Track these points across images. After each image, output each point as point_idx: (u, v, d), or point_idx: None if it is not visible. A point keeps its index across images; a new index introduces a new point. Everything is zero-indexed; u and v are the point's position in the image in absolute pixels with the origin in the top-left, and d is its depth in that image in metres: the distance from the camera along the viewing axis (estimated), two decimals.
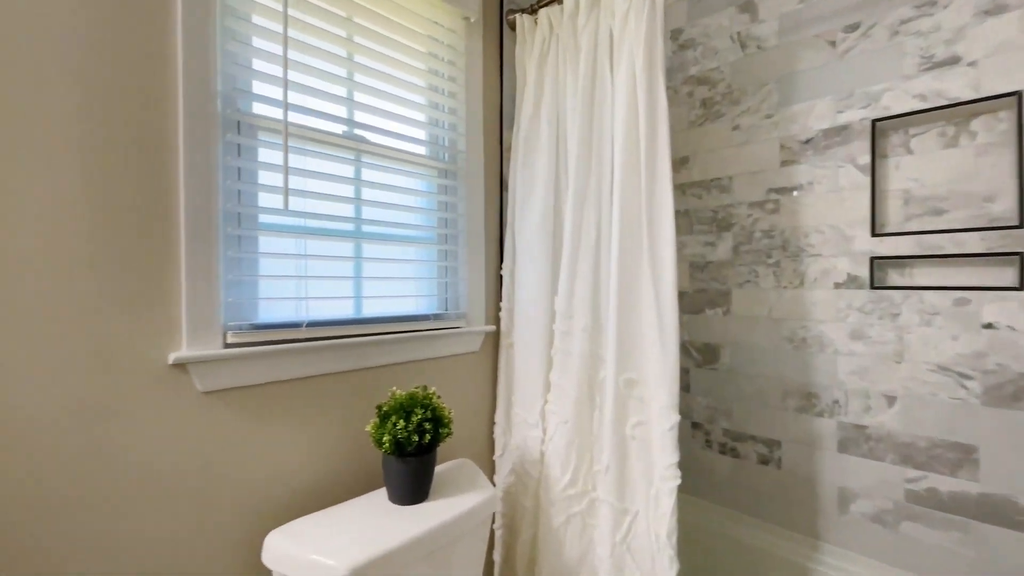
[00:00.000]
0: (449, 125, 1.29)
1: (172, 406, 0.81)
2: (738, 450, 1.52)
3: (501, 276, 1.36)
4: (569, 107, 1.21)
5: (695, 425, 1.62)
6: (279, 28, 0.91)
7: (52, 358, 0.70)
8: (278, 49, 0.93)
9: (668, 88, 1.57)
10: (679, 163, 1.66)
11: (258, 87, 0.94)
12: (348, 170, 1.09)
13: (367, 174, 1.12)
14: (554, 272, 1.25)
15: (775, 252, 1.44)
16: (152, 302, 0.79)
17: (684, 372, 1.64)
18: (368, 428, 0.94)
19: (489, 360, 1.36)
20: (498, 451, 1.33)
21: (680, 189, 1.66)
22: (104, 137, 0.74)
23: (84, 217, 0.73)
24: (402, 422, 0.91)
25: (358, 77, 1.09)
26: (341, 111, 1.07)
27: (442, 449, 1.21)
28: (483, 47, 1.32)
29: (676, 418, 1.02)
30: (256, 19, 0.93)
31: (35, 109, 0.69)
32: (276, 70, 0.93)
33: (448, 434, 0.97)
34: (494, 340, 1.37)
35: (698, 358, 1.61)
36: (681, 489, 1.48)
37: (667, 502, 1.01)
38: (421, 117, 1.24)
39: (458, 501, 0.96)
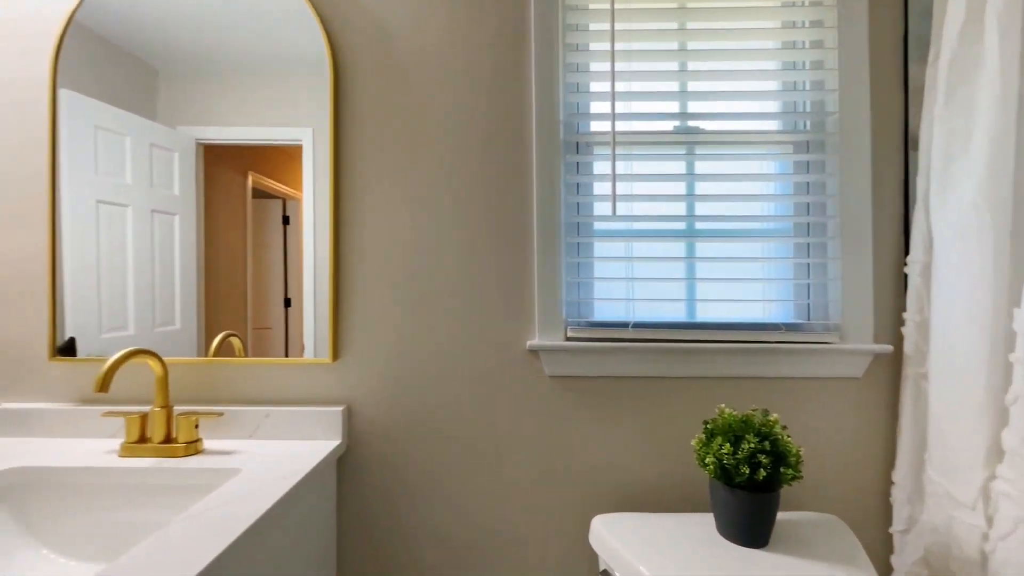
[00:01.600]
0: (812, 84, 1.01)
1: (527, 383, 1.00)
2: None
3: (905, 275, 0.95)
4: None
5: None
6: (607, 46, 0.98)
7: (463, 338, 1.01)
8: (606, 66, 0.99)
9: None
10: None
11: (593, 107, 1.04)
12: (678, 167, 1.04)
13: (702, 167, 1.04)
14: (1008, 269, 0.77)
15: None
16: (516, 299, 1.00)
17: None
18: (693, 443, 0.86)
19: (881, 393, 0.98)
20: (898, 523, 0.93)
21: None
22: (491, 172, 1.00)
23: (485, 236, 1.01)
24: (728, 446, 0.79)
25: (692, 65, 1.03)
26: (672, 106, 1.03)
27: (796, 496, 0.96)
28: None
29: None
30: (593, 46, 1.03)
31: (456, 164, 1.01)
32: (604, 86, 1.00)
33: (793, 476, 0.76)
34: (891, 366, 0.97)
35: None
36: None
37: None
38: (772, 85, 1.03)
39: (815, 568, 0.73)
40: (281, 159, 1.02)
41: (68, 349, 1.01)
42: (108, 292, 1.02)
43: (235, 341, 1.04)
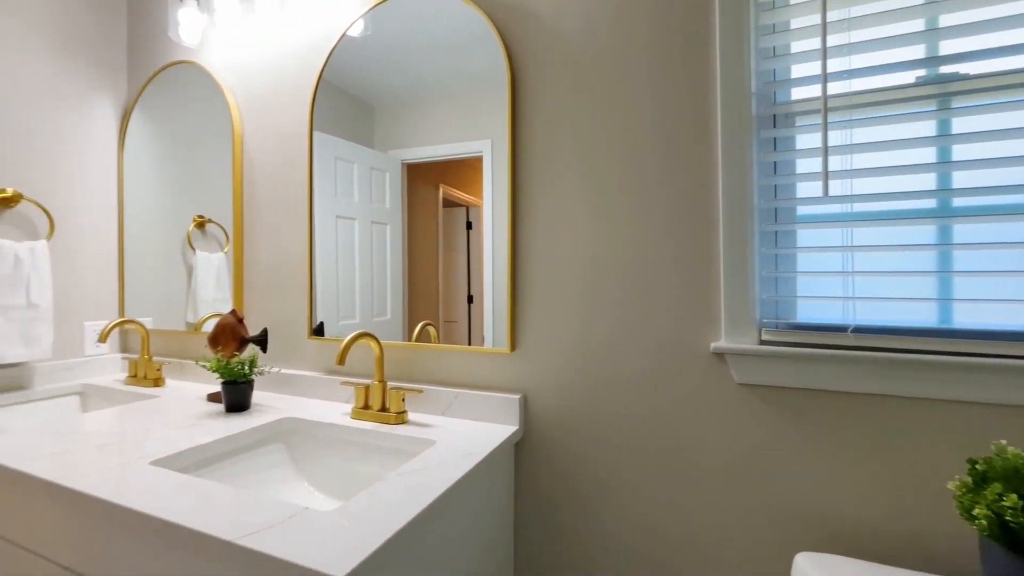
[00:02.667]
0: None
1: (711, 390, 0.91)
2: None
3: None
4: None
5: None
6: None
7: (638, 335, 0.97)
8: (813, 19, 0.83)
9: None
10: None
11: (795, 71, 0.88)
12: (923, 128, 0.81)
13: (961, 125, 0.79)
14: None
15: None
16: (697, 295, 0.92)
17: None
18: (951, 486, 0.66)
19: None
20: None
21: None
22: (670, 161, 0.94)
23: (663, 229, 0.95)
24: (1013, 497, 0.58)
25: None
26: (913, 52, 0.81)
27: None
28: None
29: None
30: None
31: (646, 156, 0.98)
32: (809, 44, 0.84)
33: None
34: None
35: None
36: None
37: None
38: None
39: None
40: (465, 171, 1.12)
41: (319, 331, 1.30)
42: (343, 288, 1.28)
43: (431, 329, 1.19)
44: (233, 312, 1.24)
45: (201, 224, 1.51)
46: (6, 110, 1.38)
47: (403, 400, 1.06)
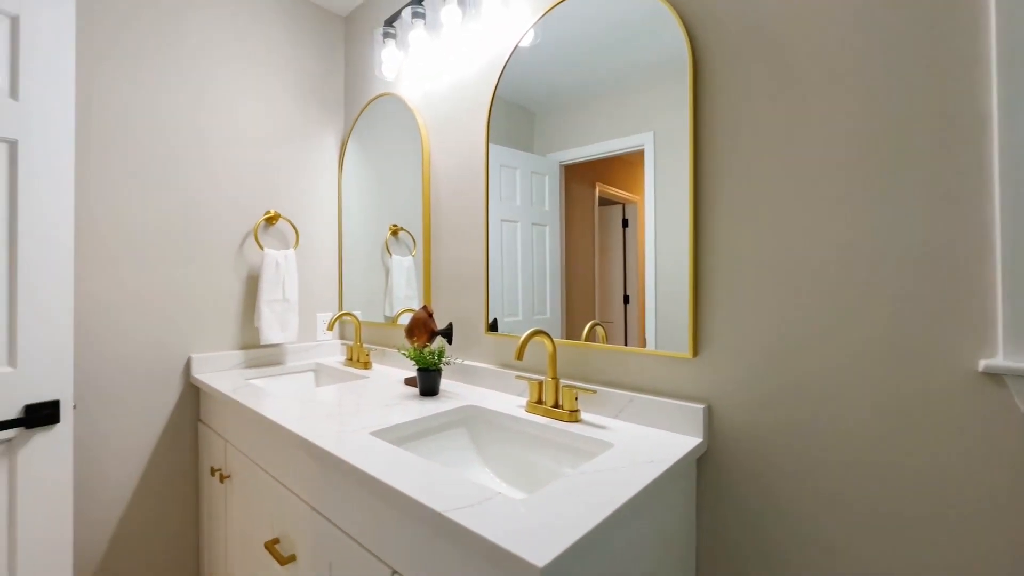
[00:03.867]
0: None
1: (980, 419, 0.70)
2: None
3: None
4: None
5: None
6: None
7: (865, 346, 0.80)
8: None
9: None
10: None
11: None
12: None
13: None
14: None
15: None
16: (955, 298, 0.72)
17: None
18: None
19: None
20: None
21: None
22: (915, 137, 0.76)
23: (898, 213, 0.78)
24: None
25: None
26: None
27: None
28: None
29: None
30: None
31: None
32: None
33: None
34: None
35: None
36: None
37: None
38: None
39: None
40: (621, 167, 1.09)
41: (493, 326, 1.39)
42: (507, 287, 1.35)
43: (599, 329, 1.18)
44: (424, 308, 1.41)
45: (395, 232, 1.75)
46: (270, 148, 1.80)
47: (576, 399, 1.06)
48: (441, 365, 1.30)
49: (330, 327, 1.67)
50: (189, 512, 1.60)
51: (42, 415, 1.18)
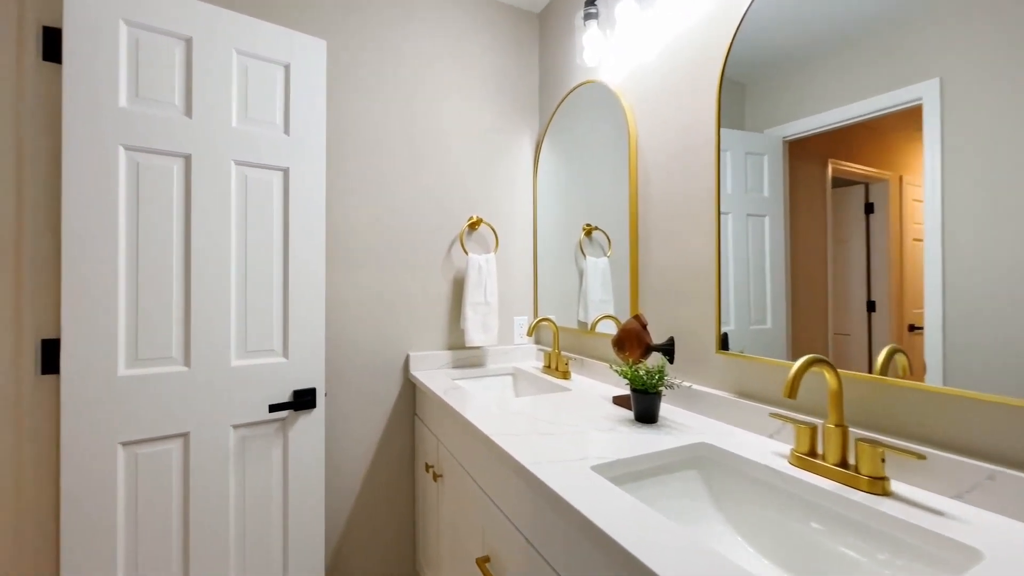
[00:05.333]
0: None
1: None
2: None
3: None
4: None
5: None
6: None
7: None
8: None
9: None
10: None
11: None
12: None
13: None
14: None
15: None
16: None
17: None
18: None
19: None
20: None
21: None
22: None
23: None
24: None
25: None
26: None
27: None
28: None
29: None
30: None
31: None
32: None
33: None
34: None
35: None
36: None
37: None
38: None
39: None
40: (865, 137, 0.84)
41: (723, 343, 1.11)
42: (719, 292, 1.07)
43: (900, 359, 0.81)
44: (637, 317, 1.22)
45: (589, 232, 1.60)
46: (471, 153, 1.84)
47: (882, 460, 0.73)
48: (662, 388, 1.09)
49: (530, 333, 1.62)
50: (407, 502, 1.73)
51: (304, 400, 1.37)
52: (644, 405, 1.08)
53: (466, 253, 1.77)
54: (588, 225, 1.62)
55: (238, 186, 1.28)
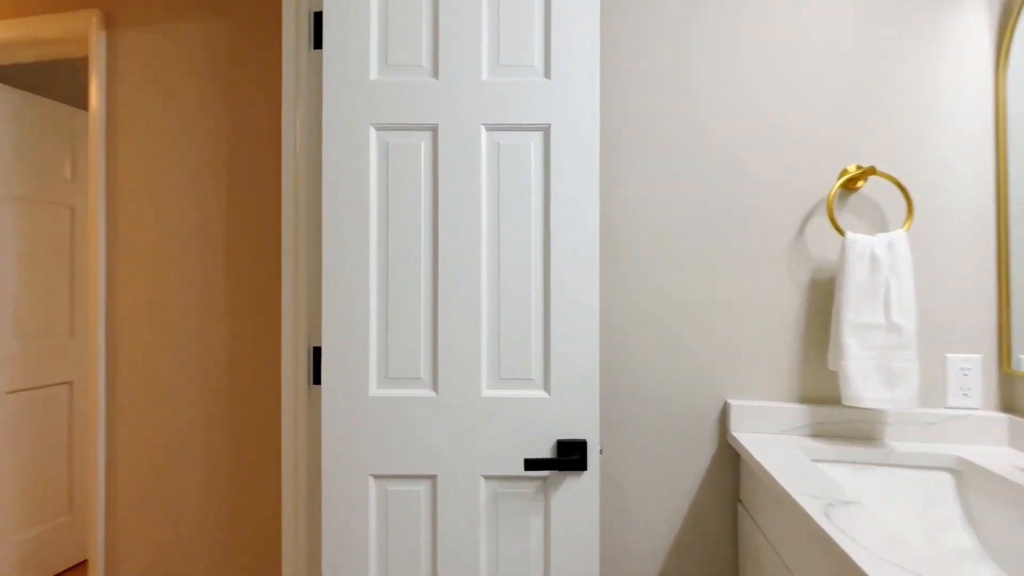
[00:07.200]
0: None
1: None
2: None
3: None
4: None
5: None
6: None
7: None
8: None
9: None
10: None
11: None
12: None
13: None
14: None
15: None
16: None
17: None
18: None
19: None
20: None
21: None
22: None
23: None
24: None
25: None
26: None
27: None
28: None
29: None
30: None
31: None
32: None
33: None
34: None
35: None
36: None
37: None
38: None
39: None
40: None
41: None
42: None
43: None
44: None
45: None
46: (843, 44, 1.04)
47: None
48: None
49: (1002, 391, 0.72)
50: None
51: (571, 459, 0.95)
52: None
53: (840, 233, 0.99)
54: None
55: (489, 159, 0.97)
